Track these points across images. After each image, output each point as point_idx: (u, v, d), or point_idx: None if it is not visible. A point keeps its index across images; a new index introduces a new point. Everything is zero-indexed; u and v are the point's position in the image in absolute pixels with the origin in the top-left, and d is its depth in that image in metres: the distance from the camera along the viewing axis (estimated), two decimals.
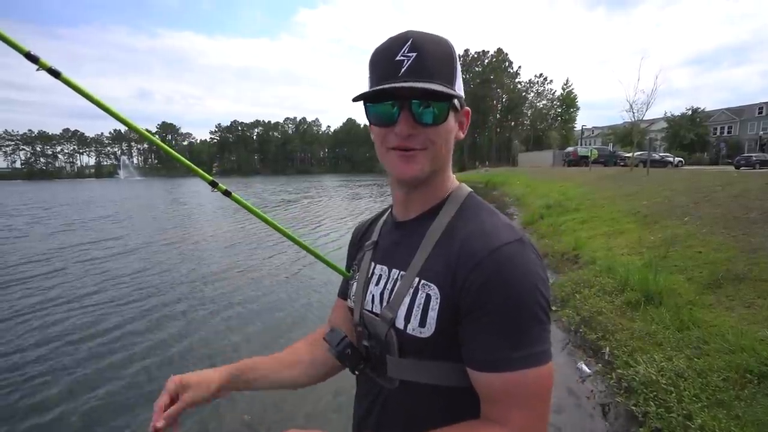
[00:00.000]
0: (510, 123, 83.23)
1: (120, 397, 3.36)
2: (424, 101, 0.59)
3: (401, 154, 0.62)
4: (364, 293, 0.73)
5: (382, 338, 0.66)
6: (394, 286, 0.66)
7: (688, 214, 6.57)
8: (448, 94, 0.59)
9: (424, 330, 0.60)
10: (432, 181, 0.67)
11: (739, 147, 40.29)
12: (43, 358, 4.04)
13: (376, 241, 0.78)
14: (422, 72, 0.58)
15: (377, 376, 0.69)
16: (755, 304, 3.37)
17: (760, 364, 2.49)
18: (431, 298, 0.60)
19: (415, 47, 0.59)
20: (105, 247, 9.78)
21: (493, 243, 0.57)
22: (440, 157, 0.64)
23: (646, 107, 18.03)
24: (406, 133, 0.60)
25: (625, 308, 3.85)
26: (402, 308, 0.63)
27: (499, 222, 0.62)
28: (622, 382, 2.88)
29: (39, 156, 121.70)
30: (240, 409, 3.10)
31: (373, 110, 0.63)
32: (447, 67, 0.61)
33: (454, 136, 0.65)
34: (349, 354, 0.69)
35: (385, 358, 0.66)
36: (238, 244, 9.81)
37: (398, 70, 0.59)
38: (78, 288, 6.35)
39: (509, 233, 0.59)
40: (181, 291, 6.18)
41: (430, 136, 0.61)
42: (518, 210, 13.80)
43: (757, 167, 20.79)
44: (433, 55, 0.59)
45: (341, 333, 0.71)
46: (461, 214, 0.65)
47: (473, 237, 0.59)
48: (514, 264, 0.56)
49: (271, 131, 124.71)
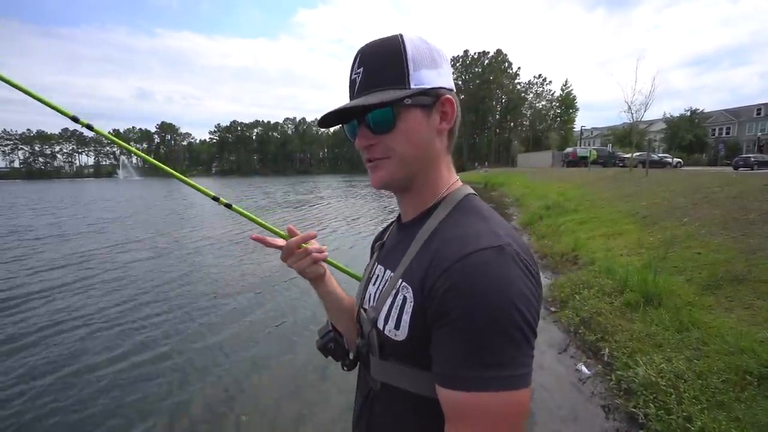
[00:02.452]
0: (509, 124, 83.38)
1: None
2: (375, 112, 0.60)
3: (368, 166, 0.65)
4: (364, 292, 0.74)
5: (366, 337, 0.67)
6: (383, 286, 0.67)
7: (687, 215, 6.58)
8: (382, 103, 0.59)
9: (399, 333, 0.59)
10: (418, 184, 0.66)
11: (737, 148, 40.38)
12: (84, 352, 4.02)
13: (383, 243, 0.80)
14: (367, 85, 0.61)
15: (368, 376, 0.69)
16: (754, 305, 3.37)
17: (759, 366, 2.49)
18: (406, 300, 0.59)
19: (361, 62, 0.62)
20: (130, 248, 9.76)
21: (467, 248, 0.53)
22: (411, 160, 0.63)
23: (644, 108, 18.06)
24: (361, 145, 0.64)
25: (624, 309, 3.84)
26: (384, 308, 0.63)
27: (486, 227, 0.57)
28: (622, 383, 2.87)
29: (38, 156, 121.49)
30: (238, 409, 3.09)
31: (346, 130, 0.67)
32: (393, 68, 0.60)
33: (430, 131, 0.63)
34: (331, 348, 0.71)
35: (369, 358, 0.66)
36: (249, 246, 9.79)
37: (353, 89, 0.63)
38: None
39: (489, 239, 0.54)
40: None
41: (388, 143, 0.62)
42: (517, 211, 13.80)
43: (755, 168, 20.84)
44: (374, 65, 0.61)
45: (328, 326, 0.74)
46: (452, 217, 0.63)
47: (450, 241, 0.56)
48: (484, 273, 0.50)
49: (270, 131, 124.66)
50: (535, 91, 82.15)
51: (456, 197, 0.66)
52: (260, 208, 18.36)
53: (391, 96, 0.59)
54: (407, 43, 0.61)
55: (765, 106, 44.42)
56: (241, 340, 4.42)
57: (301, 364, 3.80)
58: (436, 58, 0.63)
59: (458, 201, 0.65)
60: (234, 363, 3.90)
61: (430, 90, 0.61)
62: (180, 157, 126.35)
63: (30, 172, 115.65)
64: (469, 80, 79.69)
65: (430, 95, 0.62)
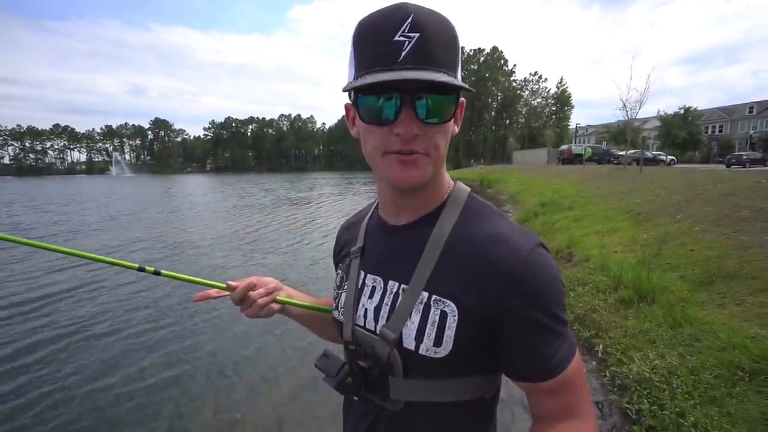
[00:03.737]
0: (505, 121, 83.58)
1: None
2: (431, 96, 0.50)
3: (401, 159, 0.53)
4: (355, 306, 0.66)
5: (383, 359, 0.59)
6: (395, 300, 0.60)
7: (680, 212, 6.63)
8: (459, 87, 0.50)
9: (440, 350, 0.55)
10: (430, 184, 0.60)
11: (730, 146, 40.84)
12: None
13: (362, 247, 0.70)
14: (428, 59, 0.48)
15: (378, 398, 0.63)
16: (746, 301, 3.41)
17: (751, 362, 2.52)
18: (447, 315, 0.55)
19: (417, 26, 0.48)
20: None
21: (521, 251, 0.54)
22: (442, 160, 0.58)
23: (639, 106, 18.18)
24: (411, 134, 0.51)
25: (618, 306, 3.87)
26: (410, 326, 0.57)
27: (512, 225, 0.58)
28: (616, 379, 2.89)
29: (28, 152, 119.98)
30: (235, 409, 3.08)
31: (366, 103, 0.52)
32: (453, 53, 0.52)
33: (450, 132, 0.58)
34: (350, 383, 0.62)
35: (387, 380, 0.60)
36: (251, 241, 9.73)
37: (398, 53, 0.48)
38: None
39: (528, 237, 0.56)
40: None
41: (434, 137, 0.53)
42: (513, 208, 13.84)
43: (747, 166, 21.10)
44: (438, 38, 0.50)
45: (338, 359, 0.64)
46: (466, 218, 0.59)
47: (493, 245, 0.55)
48: (546, 269, 0.54)
49: (265, 128, 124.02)
50: (530, 88, 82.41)
51: (459, 198, 0.62)
52: (265, 207, 18.32)
53: (462, 84, 0.50)
54: (456, 29, 0.53)
55: (757, 104, 44.88)
56: (236, 340, 4.40)
57: (299, 364, 3.79)
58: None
59: (464, 202, 0.61)
60: (230, 364, 3.88)
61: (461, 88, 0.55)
62: (174, 154, 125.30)
63: (20, 168, 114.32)
64: (464, 77, 79.47)
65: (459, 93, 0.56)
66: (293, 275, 6.72)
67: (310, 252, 8.50)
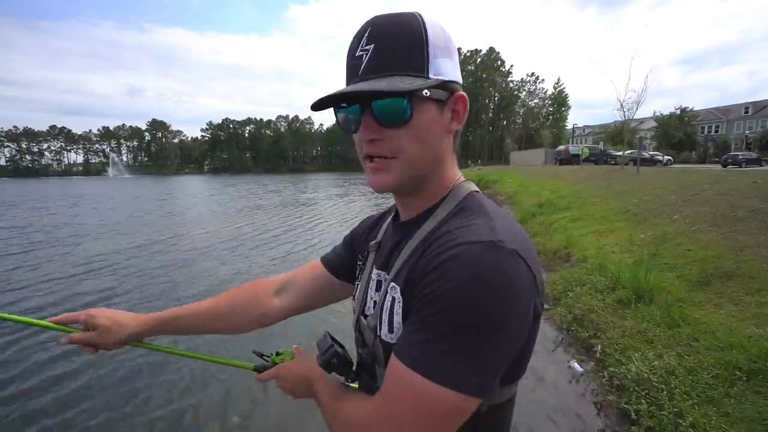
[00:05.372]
0: (502, 122, 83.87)
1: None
2: (381, 102, 0.52)
3: (371, 166, 0.56)
4: (365, 298, 0.68)
5: (370, 347, 0.62)
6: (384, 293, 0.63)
7: (677, 212, 6.66)
8: (400, 91, 0.50)
9: (393, 336, 0.56)
10: (425, 184, 0.60)
11: (726, 146, 41.05)
12: None
13: (379, 242, 0.73)
14: (379, 67, 0.52)
15: (373, 385, 0.64)
16: (743, 301, 3.42)
17: (748, 361, 2.52)
18: (395, 301, 0.56)
19: (373, 38, 0.52)
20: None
21: (455, 242, 0.49)
22: (419, 162, 0.56)
23: (636, 106, 18.26)
24: (366, 138, 0.55)
25: (616, 306, 3.88)
26: (382, 314, 0.59)
27: (484, 223, 0.51)
28: (614, 380, 2.90)
29: (24, 153, 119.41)
30: (232, 409, 3.06)
31: (338, 117, 0.58)
32: (413, 51, 0.52)
33: (441, 131, 0.57)
34: (335, 363, 0.65)
35: (375, 369, 0.62)
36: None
37: (358, 68, 0.53)
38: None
39: (482, 234, 0.48)
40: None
41: (398, 140, 0.53)
42: (510, 208, 13.85)
43: (743, 166, 21.26)
44: (390, 43, 0.52)
45: (329, 341, 0.67)
46: (452, 215, 0.57)
47: (442, 237, 0.52)
48: (466, 267, 0.46)
49: (263, 129, 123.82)
50: (527, 89, 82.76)
51: (458, 195, 0.61)
52: (277, 206, 18.55)
53: (409, 84, 0.51)
54: (428, 24, 0.54)
55: (753, 104, 45.22)
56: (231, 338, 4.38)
57: None
58: (450, 46, 0.56)
59: (460, 200, 0.60)
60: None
61: (447, 83, 0.55)
62: (171, 155, 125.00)
63: (17, 169, 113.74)
64: (462, 78, 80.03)
65: (446, 89, 0.56)
66: None
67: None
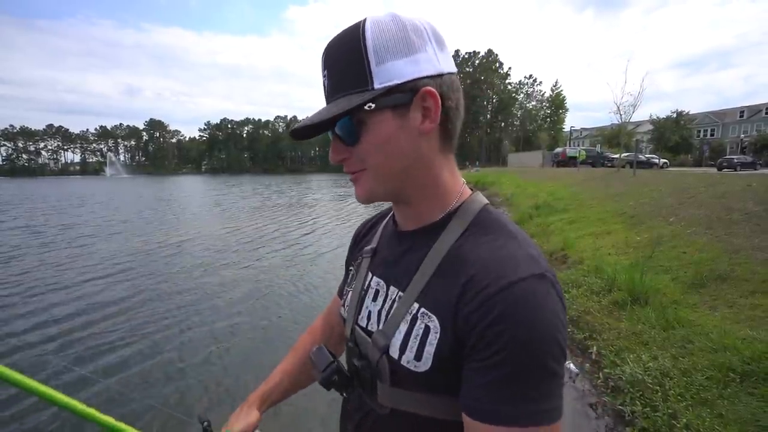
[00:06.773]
0: (500, 124, 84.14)
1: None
2: (339, 122, 0.54)
3: (351, 179, 0.60)
4: (359, 306, 0.66)
5: (373, 363, 0.59)
6: (391, 306, 0.59)
7: (673, 214, 6.70)
8: (335, 115, 0.51)
9: (420, 364, 0.53)
10: (412, 196, 0.59)
11: (721, 149, 41.37)
12: None
13: (375, 248, 0.70)
14: (332, 91, 0.54)
15: (368, 398, 0.62)
16: (737, 303, 3.45)
17: (742, 363, 2.54)
18: (430, 330, 0.53)
19: (326, 63, 0.54)
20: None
21: (508, 277, 0.48)
22: (389, 171, 0.55)
23: (632, 109, 18.37)
24: (334, 159, 0.59)
25: (612, 308, 3.89)
26: (398, 336, 0.56)
27: (519, 249, 0.51)
28: (609, 381, 2.91)
29: (21, 152, 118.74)
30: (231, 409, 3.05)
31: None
32: (353, 65, 0.51)
33: (409, 135, 0.53)
34: (335, 380, 0.64)
35: (376, 384, 0.60)
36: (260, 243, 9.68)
37: (324, 94, 0.56)
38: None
39: (529, 266, 0.49)
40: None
41: (359, 155, 0.55)
42: (508, 210, 13.89)
43: (738, 169, 21.40)
44: (336, 64, 0.53)
45: (328, 356, 0.65)
46: (471, 234, 0.55)
47: (485, 267, 0.50)
48: (530, 306, 0.46)
49: (261, 129, 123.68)
50: (525, 91, 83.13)
51: (471, 210, 0.58)
52: (284, 207, 18.58)
53: (346, 104, 0.50)
54: (369, 29, 0.50)
55: (748, 108, 45.62)
56: (230, 334, 4.38)
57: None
58: (412, 40, 0.51)
59: (475, 215, 0.58)
60: (226, 359, 3.86)
61: (403, 85, 0.51)
62: (169, 155, 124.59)
63: (13, 169, 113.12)
64: (460, 79, 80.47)
65: (404, 91, 0.51)
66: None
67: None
